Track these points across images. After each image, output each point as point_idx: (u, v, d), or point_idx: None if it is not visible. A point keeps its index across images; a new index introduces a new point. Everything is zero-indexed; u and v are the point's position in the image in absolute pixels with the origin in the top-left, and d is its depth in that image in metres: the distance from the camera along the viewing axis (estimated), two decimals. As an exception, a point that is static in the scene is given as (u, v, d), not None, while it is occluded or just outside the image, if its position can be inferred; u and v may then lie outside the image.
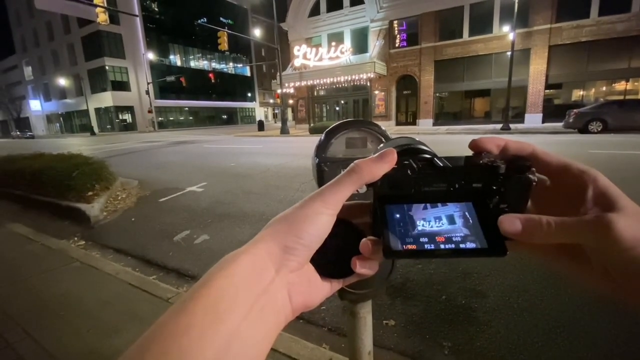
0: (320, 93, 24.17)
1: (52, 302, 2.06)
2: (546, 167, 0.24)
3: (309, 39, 23.28)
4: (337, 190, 0.24)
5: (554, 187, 0.25)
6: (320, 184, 0.68)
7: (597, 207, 0.22)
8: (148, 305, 1.99)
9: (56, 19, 38.47)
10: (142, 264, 2.74)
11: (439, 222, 0.25)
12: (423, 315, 1.90)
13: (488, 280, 2.19)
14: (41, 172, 4.41)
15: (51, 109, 47.03)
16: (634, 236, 0.19)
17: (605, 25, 15.32)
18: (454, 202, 0.25)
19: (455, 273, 2.29)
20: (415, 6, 19.26)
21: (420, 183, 0.25)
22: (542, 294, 2.00)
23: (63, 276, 2.41)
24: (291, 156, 8.83)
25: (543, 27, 16.46)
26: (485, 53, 18.04)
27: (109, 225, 3.76)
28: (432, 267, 2.36)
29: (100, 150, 13.49)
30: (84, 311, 1.96)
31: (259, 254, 0.23)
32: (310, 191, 1.30)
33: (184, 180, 5.97)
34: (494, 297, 2.02)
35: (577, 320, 1.75)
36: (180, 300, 0.20)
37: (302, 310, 0.25)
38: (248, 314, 0.20)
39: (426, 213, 0.25)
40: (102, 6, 11.67)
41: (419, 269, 2.35)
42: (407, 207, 0.25)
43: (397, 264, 0.91)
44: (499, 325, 1.76)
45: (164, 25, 40.98)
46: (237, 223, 3.58)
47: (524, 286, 2.09)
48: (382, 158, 0.24)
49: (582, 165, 0.23)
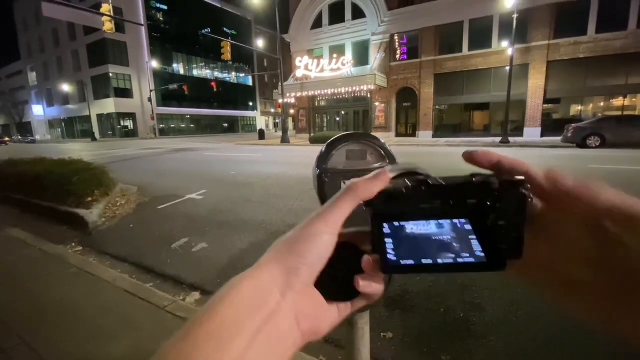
0: (321, 103, 24.40)
1: (48, 308, 2.05)
2: (540, 189, 0.23)
3: (310, 51, 23.63)
4: (337, 210, 0.25)
5: (553, 213, 0.23)
6: (320, 194, 0.70)
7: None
8: (144, 313, 1.98)
9: (62, 26, 39.03)
10: (139, 271, 2.73)
11: (435, 238, 0.25)
12: (421, 327, 1.89)
13: (487, 293, 2.18)
14: (42, 177, 4.42)
15: (53, 114, 47.33)
16: None
17: (603, 43, 15.60)
18: (450, 218, 0.25)
19: (454, 286, 2.29)
20: (416, 21, 19.63)
21: (414, 200, 0.25)
22: (540, 308, 1.99)
23: (60, 282, 2.40)
24: (291, 165, 8.86)
25: (541, 43, 16.75)
26: (485, 67, 18.30)
27: (107, 232, 3.75)
28: (430, 279, 2.35)
29: (101, 156, 13.52)
30: (79, 318, 1.94)
31: (262, 278, 0.23)
32: (309, 201, 1.33)
33: (184, 187, 5.98)
34: (493, 310, 2.01)
35: (575, 335, 1.74)
36: (185, 326, 0.20)
37: (312, 337, 0.24)
38: (253, 340, 0.20)
39: (423, 229, 0.25)
40: (109, 15, 11.88)
41: (417, 281, 2.34)
42: (403, 224, 0.25)
43: (396, 276, 0.90)
44: (498, 338, 1.75)
45: (169, 35, 41.65)
46: (236, 231, 3.58)
47: (522, 300, 2.08)
48: (377, 177, 0.25)
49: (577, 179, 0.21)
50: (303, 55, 22.57)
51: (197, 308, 2.09)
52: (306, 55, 22.61)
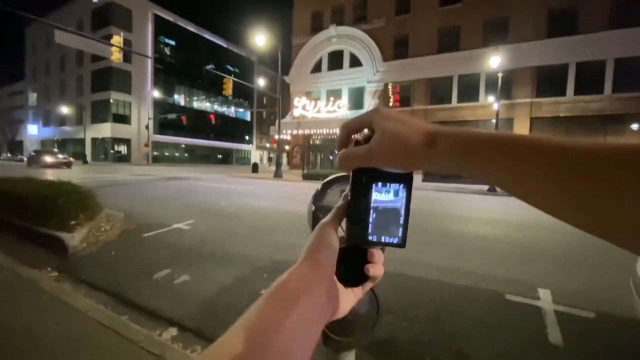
0: (316, 142, 25.04)
1: (11, 335, 1.91)
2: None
3: (309, 93, 24.76)
4: (335, 218, 0.36)
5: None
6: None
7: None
8: (115, 346, 1.86)
9: (71, 53, 40.36)
10: (115, 302, 2.60)
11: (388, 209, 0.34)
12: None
13: (474, 342, 2.13)
14: (27, 197, 4.32)
15: (47, 134, 47.21)
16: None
17: (581, 104, 16.82)
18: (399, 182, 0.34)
19: (442, 334, 2.23)
20: (409, 73, 21.01)
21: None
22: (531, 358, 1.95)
23: (29, 308, 2.26)
24: (282, 200, 8.86)
25: (524, 101, 17.97)
26: (473, 119, 19.34)
27: (87, 258, 3.60)
28: (418, 326, 2.30)
29: (91, 179, 13.33)
30: (45, 348, 1.81)
31: (303, 269, 0.32)
32: (298, 237, 1.38)
33: (172, 216, 5.88)
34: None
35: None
36: (265, 295, 0.30)
37: (339, 313, 0.34)
38: (305, 306, 0.29)
39: (385, 198, 0.34)
40: (118, 46, 12.43)
41: (404, 327, 2.28)
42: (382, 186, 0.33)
43: (385, 320, 0.87)
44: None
45: (173, 67, 43.38)
46: (220, 265, 3.48)
47: (509, 351, 2.04)
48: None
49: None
50: (301, 96, 23.59)
51: (172, 345, 1.98)
52: (304, 96, 23.63)
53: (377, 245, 0.34)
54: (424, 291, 2.93)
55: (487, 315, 2.52)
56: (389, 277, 3.09)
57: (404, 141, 0.30)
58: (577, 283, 3.14)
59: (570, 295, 2.87)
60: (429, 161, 0.29)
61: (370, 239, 0.34)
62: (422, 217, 6.30)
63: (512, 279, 3.24)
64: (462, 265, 3.62)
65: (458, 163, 0.28)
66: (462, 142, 0.27)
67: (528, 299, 2.79)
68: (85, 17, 39.90)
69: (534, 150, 0.24)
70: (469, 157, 0.27)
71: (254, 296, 2.63)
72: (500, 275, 3.34)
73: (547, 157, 0.23)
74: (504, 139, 0.26)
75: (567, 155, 0.22)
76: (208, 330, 2.20)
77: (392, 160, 0.31)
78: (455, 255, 4.04)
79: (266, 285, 2.98)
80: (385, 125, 0.31)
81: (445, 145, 0.28)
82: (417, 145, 0.29)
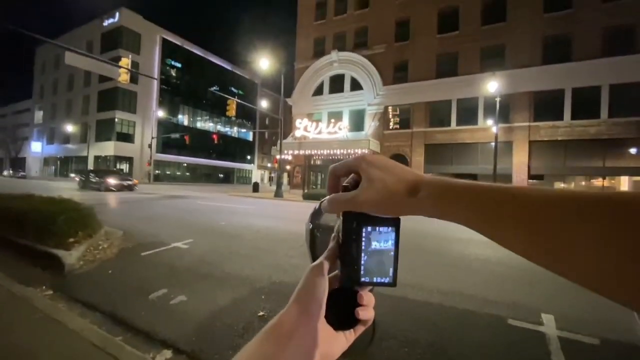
0: (316, 162, 25.21)
1: (1, 354, 1.87)
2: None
3: (310, 114, 25.20)
4: (325, 260, 0.37)
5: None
6: (312, 247, 0.74)
7: None
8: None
9: (79, 73, 41.45)
10: (110, 322, 2.55)
11: (378, 252, 0.35)
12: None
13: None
14: (26, 214, 4.32)
15: (51, 152, 47.67)
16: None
17: (578, 128, 17.03)
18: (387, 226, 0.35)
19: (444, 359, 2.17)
20: (408, 96, 21.48)
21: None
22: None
23: (21, 327, 2.22)
24: (283, 220, 8.82)
25: (522, 124, 18.21)
26: (472, 142, 19.53)
27: (83, 276, 3.56)
28: (419, 351, 2.24)
29: (92, 196, 13.34)
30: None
31: (291, 314, 0.34)
32: (299, 257, 1.39)
33: (171, 235, 5.85)
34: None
35: None
36: (253, 341, 0.32)
37: (329, 357, 0.34)
38: (292, 353, 0.31)
39: (377, 238, 0.35)
40: (126, 68, 12.81)
41: (405, 352, 2.22)
42: (371, 228, 0.35)
43: (386, 345, 0.86)
44: None
45: (179, 88, 44.43)
46: (218, 285, 3.43)
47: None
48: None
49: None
50: (303, 117, 24.00)
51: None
52: (306, 117, 24.05)
53: (370, 285, 0.36)
54: (425, 315, 2.87)
55: (489, 341, 2.46)
56: (389, 300, 3.04)
57: (389, 190, 0.32)
58: (580, 308, 3.08)
59: (574, 320, 2.81)
60: (412, 209, 0.31)
61: (362, 280, 0.35)
62: (422, 238, 6.25)
63: (515, 303, 3.18)
64: (464, 289, 3.56)
65: (439, 211, 0.30)
66: (442, 192, 0.30)
67: (531, 324, 2.73)
68: (95, 39, 41.31)
69: (505, 200, 0.26)
70: (448, 207, 0.29)
71: (251, 319, 2.58)
72: (502, 299, 3.28)
73: (515, 207, 0.25)
74: (479, 189, 0.28)
75: (533, 205, 0.25)
76: (203, 353, 2.15)
77: (377, 207, 0.33)
78: (456, 278, 3.98)
79: (264, 307, 2.94)
80: (371, 173, 0.34)
81: (426, 194, 0.30)
82: (401, 194, 0.32)
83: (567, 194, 0.24)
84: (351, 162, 0.36)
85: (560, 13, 17.79)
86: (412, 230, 7.20)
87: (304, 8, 27.46)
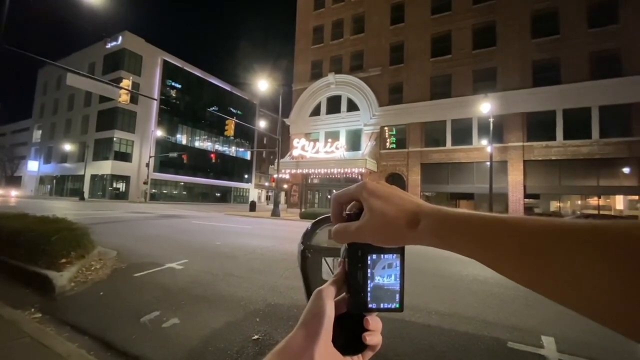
0: (314, 181, 25.29)
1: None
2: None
3: (308, 134, 25.54)
4: (332, 285, 0.38)
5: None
6: (303, 268, 0.74)
7: None
8: (95, 397, 1.74)
9: (80, 93, 41.99)
10: (99, 346, 2.47)
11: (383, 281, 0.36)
12: None
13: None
14: (19, 234, 4.26)
15: (47, 170, 47.47)
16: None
17: (571, 148, 17.33)
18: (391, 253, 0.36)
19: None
20: (404, 117, 21.91)
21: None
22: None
23: (6, 352, 2.14)
24: (279, 239, 8.73)
25: (516, 144, 18.52)
26: (467, 161, 19.77)
27: (74, 298, 3.48)
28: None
29: (86, 216, 13.19)
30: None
31: (297, 339, 0.34)
32: (295, 279, 1.40)
33: (165, 255, 5.76)
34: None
35: None
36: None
37: None
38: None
39: (381, 267, 0.36)
40: (127, 89, 13.04)
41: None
42: (376, 256, 0.36)
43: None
44: None
45: (178, 109, 45.02)
46: (212, 308, 3.36)
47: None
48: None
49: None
50: (301, 137, 24.30)
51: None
52: (303, 137, 24.35)
53: (377, 311, 0.36)
54: (424, 338, 2.81)
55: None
56: (387, 322, 2.97)
57: (389, 222, 0.33)
58: (580, 330, 3.03)
59: (575, 343, 2.76)
60: (413, 240, 0.32)
61: (370, 307, 0.36)
62: (421, 259, 6.20)
63: (514, 326, 3.13)
64: (462, 311, 3.50)
65: (438, 242, 0.31)
66: (441, 222, 0.30)
67: (531, 347, 2.68)
68: (98, 61, 42.18)
69: (502, 230, 0.27)
70: (448, 239, 0.30)
71: (245, 343, 2.52)
72: (502, 322, 3.23)
73: (514, 239, 0.26)
74: (478, 221, 0.29)
75: (532, 237, 0.25)
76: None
77: (379, 238, 0.34)
78: (455, 300, 3.93)
79: (259, 330, 2.87)
80: (371, 203, 0.34)
81: (426, 225, 0.31)
82: (401, 226, 0.32)
83: (564, 224, 0.24)
84: (353, 190, 0.37)
85: (548, 38, 18.54)
86: (410, 251, 7.15)
87: (302, 33, 28.46)
